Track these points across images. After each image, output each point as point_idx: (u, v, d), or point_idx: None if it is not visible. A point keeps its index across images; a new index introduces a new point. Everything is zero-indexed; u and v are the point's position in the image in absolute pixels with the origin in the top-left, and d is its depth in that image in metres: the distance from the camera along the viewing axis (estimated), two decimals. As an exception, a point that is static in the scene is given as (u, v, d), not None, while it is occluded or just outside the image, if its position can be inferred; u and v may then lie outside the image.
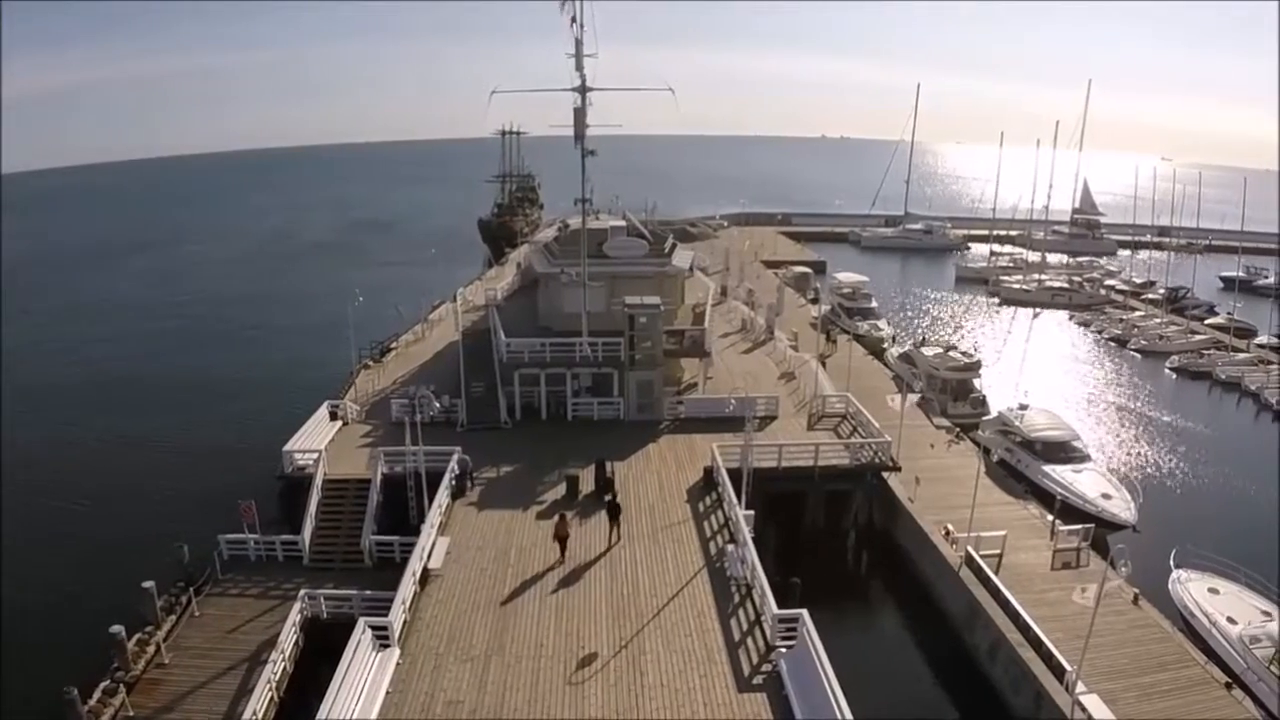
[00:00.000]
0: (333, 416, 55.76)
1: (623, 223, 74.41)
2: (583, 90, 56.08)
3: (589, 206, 62.31)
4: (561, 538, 42.17)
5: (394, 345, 71.35)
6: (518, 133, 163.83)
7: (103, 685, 32.83)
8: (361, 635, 31.76)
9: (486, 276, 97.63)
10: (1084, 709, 33.49)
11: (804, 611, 33.98)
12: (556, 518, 43.34)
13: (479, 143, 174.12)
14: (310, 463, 48.27)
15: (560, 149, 61.95)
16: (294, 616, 35.85)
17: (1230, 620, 41.24)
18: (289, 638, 34.83)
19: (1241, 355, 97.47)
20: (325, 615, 37.11)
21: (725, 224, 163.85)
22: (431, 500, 43.56)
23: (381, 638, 32.88)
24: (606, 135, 58.25)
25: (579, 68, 55.46)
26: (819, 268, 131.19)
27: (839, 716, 28.37)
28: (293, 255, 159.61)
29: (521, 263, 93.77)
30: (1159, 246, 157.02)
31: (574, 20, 54.14)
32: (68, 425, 71.10)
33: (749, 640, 35.17)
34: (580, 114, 56.71)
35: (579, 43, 54.83)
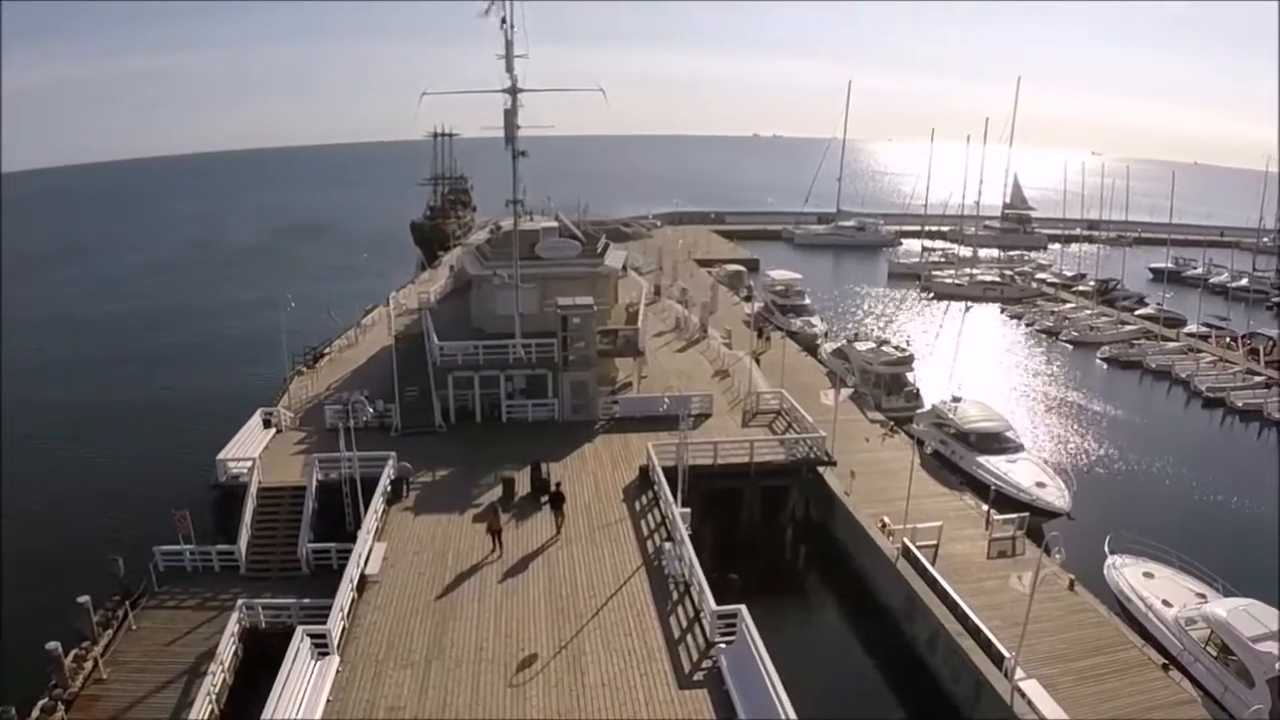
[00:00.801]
0: (266, 424, 55.12)
1: (555, 224, 74.36)
2: (513, 91, 55.98)
3: (521, 208, 62.17)
4: (494, 531, 42.73)
5: (327, 351, 70.65)
6: (450, 135, 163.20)
7: (41, 703, 32.20)
8: (300, 644, 31.53)
9: (419, 280, 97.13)
10: (1023, 694, 34.18)
11: (742, 607, 34.31)
12: (489, 511, 44.31)
13: (411, 145, 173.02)
14: (244, 471, 47.60)
15: (492, 151, 61.74)
16: (232, 627, 35.43)
17: (1165, 603, 42.23)
18: (227, 649, 34.44)
19: (1171, 344, 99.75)
20: (264, 625, 36.64)
21: (658, 223, 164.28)
22: (367, 506, 43.32)
23: (320, 646, 32.68)
24: (539, 136, 58.12)
25: (509, 69, 55.33)
26: (752, 266, 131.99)
27: (780, 710, 28.70)
28: (223, 261, 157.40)
29: (454, 265, 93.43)
30: (1089, 240, 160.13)
31: (504, 21, 54.04)
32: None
33: (689, 637, 35.47)
34: (511, 115, 56.57)
35: (509, 44, 54.69)
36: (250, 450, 50.55)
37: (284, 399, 59.63)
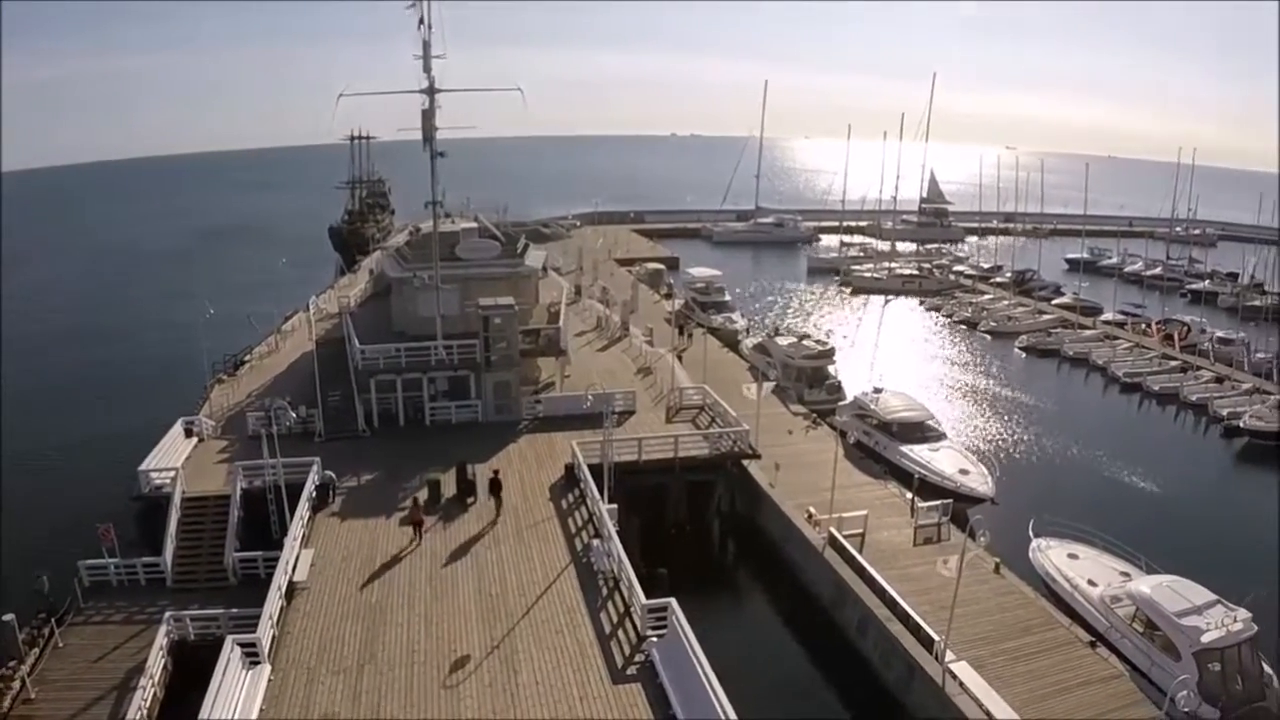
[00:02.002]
0: (188, 433, 54.22)
1: (475, 225, 74.14)
2: (430, 92, 55.77)
3: (441, 209, 61.94)
4: (415, 522, 43.39)
5: (247, 358, 69.61)
6: (367, 138, 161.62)
7: (-32, 726, 31.74)
8: (230, 654, 31.26)
9: (339, 284, 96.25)
10: (954, 676, 35.11)
11: (672, 600, 34.78)
12: (409, 503, 44.70)
13: (329, 149, 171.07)
14: (167, 481, 46.89)
15: (410, 153, 61.45)
16: (160, 640, 34.91)
17: (1091, 583, 43.38)
18: (157, 663, 33.94)
19: (1088, 332, 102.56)
20: (192, 637, 36.16)
21: (578, 224, 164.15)
22: (293, 513, 42.82)
23: (251, 655, 32.43)
24: (457, 139, 58.06)
25: (427, 69, 55.14)
26: (672, 264, 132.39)
27: (714, 701, 29.14)
28: (139, 268, 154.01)
29: (374, 269, 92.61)
30: (1005, 232, 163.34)
31: (421, 21, 53.84)
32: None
33: (620, 632, 35.85)
34: (429, 116, 56.39)
35: (427, 44, 54.44)
36: (172, 460, 49.73)
37: (205, 407, 58.68)
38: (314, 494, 46.36)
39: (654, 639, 34.26)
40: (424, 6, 53.59)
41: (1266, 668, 37.73)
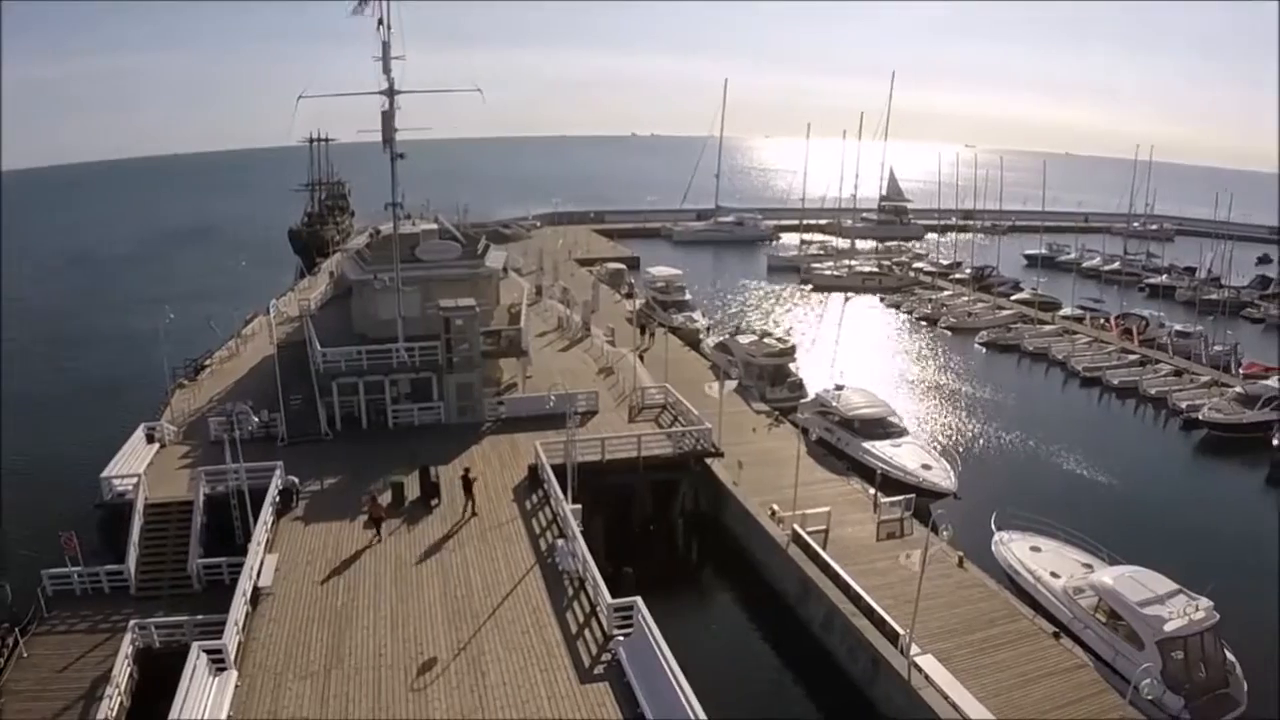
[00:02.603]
0: (150, 439, 53.70)
1: (435, 226, 74.00)
2: (390, 93, 55.61)
3: (401, 211, 61.83)
4: (376, 519, 43.66)
5: (208, 362, 68.96)
6: (326, 140, 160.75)
7: (-67, 739, 31.46)
8: (196, 660, 31.11)
9: (299, 287, 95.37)
10: (920, 669, 35.57)
11: (638, 599, 35.00)
12: (368, 499, 44.88)
13: (289, 151, 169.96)
14: (129, 488, 46.39)
15: (370, 155, 61.34)
16: (126, 649, 34.65)
17: (1053, 575, 44.07)
18: (122, 671, 33.69)
19: (1047, 327, 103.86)
20: (158, 645, 35.89)
21: (538, 224, 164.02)
22: (256, 518, 42.66)
23: (217, 661, 32.27)
24: (417, 139, 57.93)
25: (386, 70, 54.99)
26: (633, 263, 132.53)
27: (681, 698, 29.38)
28: (100, 273, 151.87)
29: (334, 271, 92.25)
30: (965, 229, 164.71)
31: (380, 22, 53.70)
32: None
33: (586, 632, 36.00)
34: (388, 117, 56.24)
35: (386, 45, 54.25)
36: (134, 466, 49.33)
37: (166, 412, 58.09)
38: (277, 498, 46.15)
39: (620, 638, 34.43)
40: (383, 7, 53.52)
41: (1229, 655, 38.53)
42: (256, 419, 54.99)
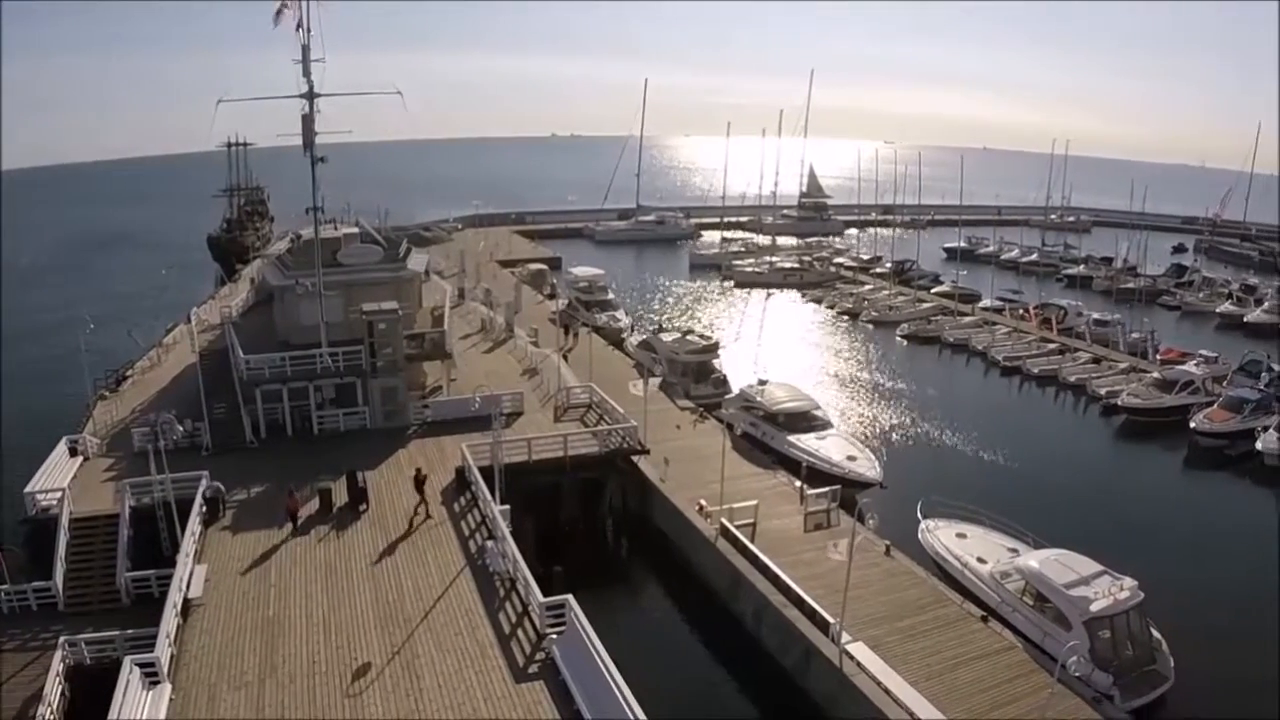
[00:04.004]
0: (73, 452, 52.73)
1: (356, 230, 73.68)
2: (310, 97, 55.38)
3: (322, 215, 61.47)
4: (291, 512, 44.44)
5: (130, 372, 67.72)
6: (244, 145, 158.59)
7: None
8: (129, 675, 30.79)
9: (220, 294, 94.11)
10: (851, 657, 36.57)
11: (569, 597, 35.46)
12: (286, 493, 45.68)
13: (207, 157, 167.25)
14: (54, 503, 45.65)
15: (289, 160, 60.88)
16: (56, 666, 33.94)
17: (980, 560, 45.27)
18: (54, 690, 32.99)
19: (967, 319, 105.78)
20: (89, 661, 35.26)
21: (459, 226, 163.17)
22: (184, 529, 42.29)
23: (150, 675, 31.99)
24: (337, 143, 57.52)
25: (306, 73, 54.73)
26: (555, 264, 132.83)
27: (617, 694, 29.88)
28: (14, 284, 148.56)
29: (255, 278, 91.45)
30: (884, 224, 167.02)
31: (300, 25, 53.38)
32: None
33: (519, 632, 36.37)
34: (308, 121, 55.97)
35: (305, 48, 53.98)
36: (58, 480, 48.40)
37: (89, 424, 57.19)
38: (204, 508, 45.77)
39: (554, 637, 34.84)
40: (302, 10, 53.22)
41: (1155, 632, 40.07)
42: (181, 428, 54.32)
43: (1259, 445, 66.99)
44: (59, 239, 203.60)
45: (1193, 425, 71.12)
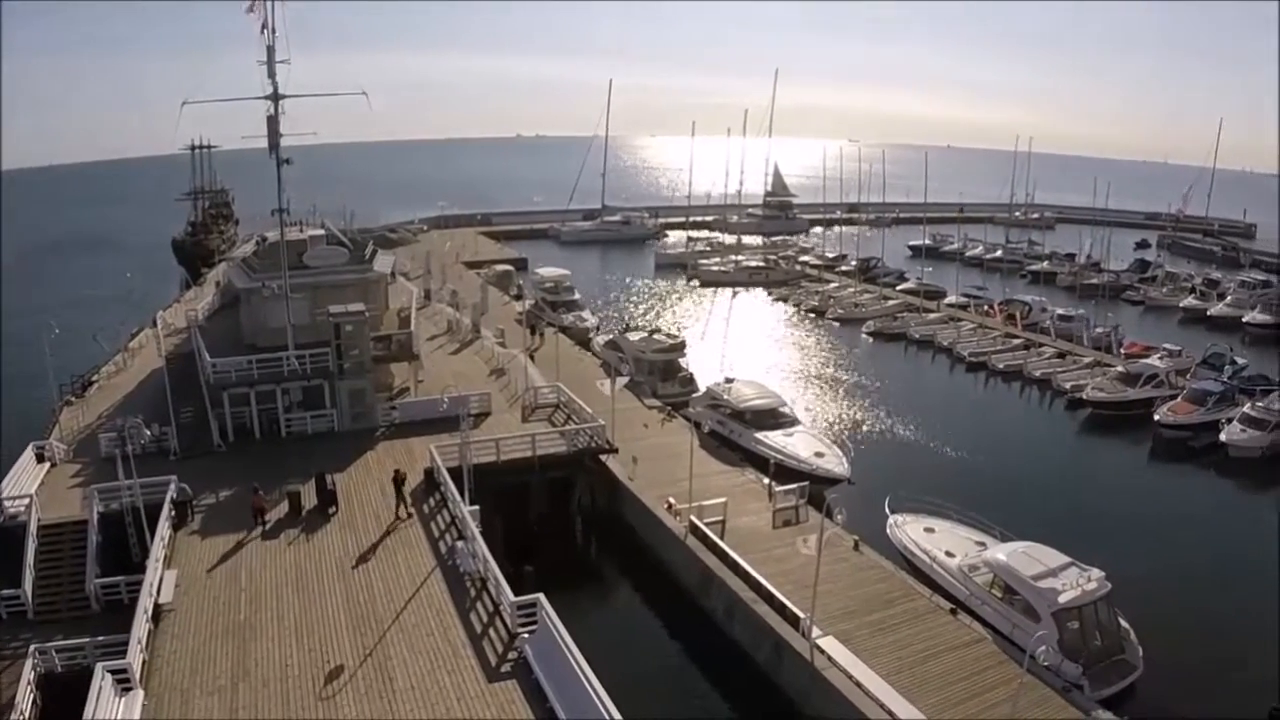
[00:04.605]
0: (40, 458, 52.28)
1: (322, 232, 73.48)
2: (275, 98, 55.29)
3: (288, 217, 61.27)
4: (257, 510, 44.78)
5: (96, 377, 67.17)
6: (208, 147, 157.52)
7: None
8: (102, 682, 30.64)
9: (185, 298, 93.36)
10: (822, 651, 36.94)
11: (540, 596, 35.78)
12: (251, 491, 45.99)
13: (172, 159, 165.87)
14: (21, 510, 45.22)
15: (254, 162, 60.72)
16: (27, 675, 33.66)
17: (948, 554, 45.67)
18: (26, 699, 32.71)
19: (933, 315, 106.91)
20: (60, 669, 35.01)
21: (425, 228, 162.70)
22: (153, 534, 42.16)
23: (123, 682, 31.88)
24: (302, 144, 57.32)
25: (271, 75, 54.67)
26: (520, 265, 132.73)
27: (589, 692, 30.12)
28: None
29: (220, 281, 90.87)
30: (850, 222, 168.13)
31: (265, 26, 53.23)
32: None
33: (491, 631, 36.55)
34: (274, 123, 55.88)
35: (271, 50, 53.93)
36: (25, 487, 47.95)
37: (55, 431, 56.82)
38: (173, 513, 45.59)
39: (525, 636, 35.07)
40: (267, 11, 53.07)
41: (1123, 622, 40.73)
42: (149, 433, 54.14)
43: (1223, 437, 68.11)
44: (18, 244, 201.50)
45: (1157, 418, 72.10)
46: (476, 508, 44.45)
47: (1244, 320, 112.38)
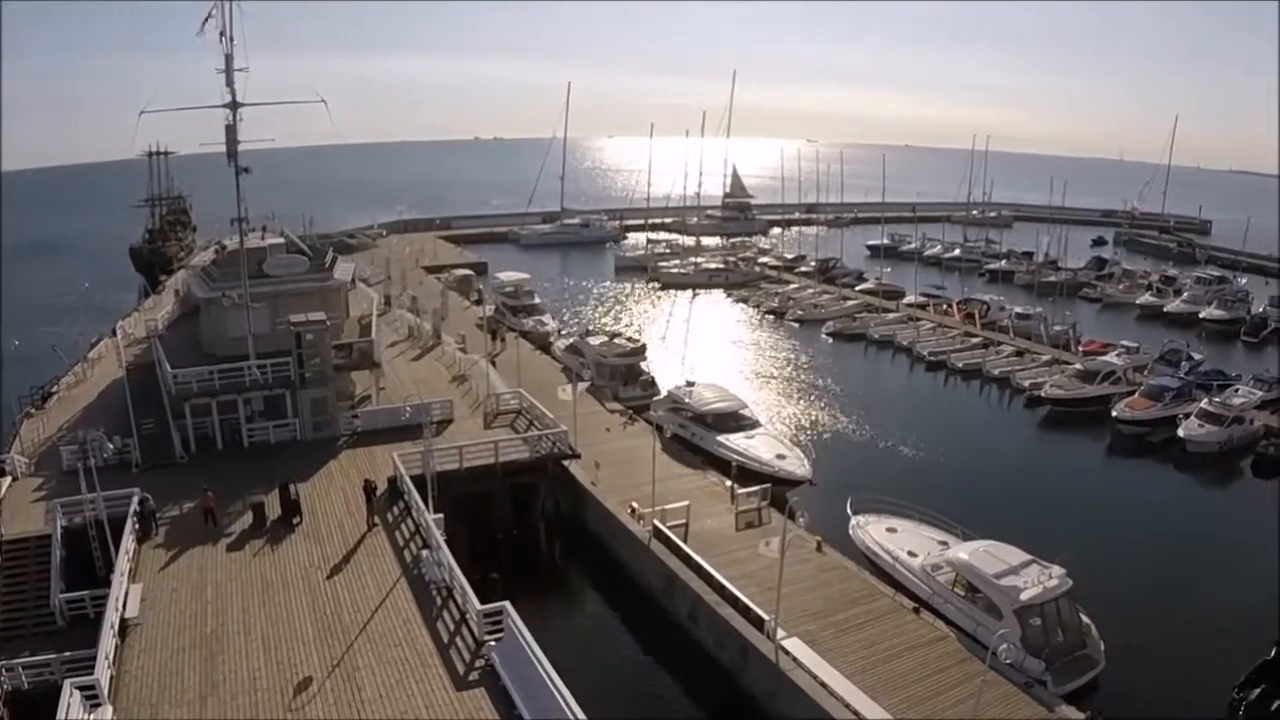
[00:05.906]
0: (0, 472, 52.49)
1: (281, 240, 73.27)
2: (233, 106, 55.13)
3: (246, 225, 61.07)
4: (207, 510, 45.48)
5: (55, 388, 66.34)
6: (165, 153, 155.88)
7: None
8: (70, 698, 30.57)
9: (144, 307, 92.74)
10: (787, 652, 37.45)
11: (506, 603, 36.04)
12: (202, 492, 46.66)
13: (128, 165, 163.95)
14: (-18, 525, 45.00)
15: (210, 167, 60.55)
16: None
17: (911, 553, 46.36)
18: None
19: (892, 315, 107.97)
20: (26, 686, 34.80)
21: (384, 233, 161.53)
22: (117, 548, 41.98)
23: (91, 698, 31.76)
24: (259, 149, 57.16)
25: (229, 83, 54.49)
26: (480, 269, 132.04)
27: (557, 697, 30.52)
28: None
29: (180, 289, 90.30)
30: (808, 223, 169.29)
31: (223, 34, 53.08)
32: None
33: (458, 639, 36.86)
34: (232, 131, 55.69)
35: (229, 57, 53.72)
36: (-14, 501, 47.90)
37: (15, 443, 56.24)
38: (136, 526, 45.41)
39: (492, 643, 35.40)
40: (226, 19, 52.93)
41: (1084, 618, 41.46)
42: (110, 445, 53.71)
43: (1181, 432, 69.49)
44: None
45: (1115, 414, 73.41)
46: (441, 516, 44.57)
47: (1200, 316, 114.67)
